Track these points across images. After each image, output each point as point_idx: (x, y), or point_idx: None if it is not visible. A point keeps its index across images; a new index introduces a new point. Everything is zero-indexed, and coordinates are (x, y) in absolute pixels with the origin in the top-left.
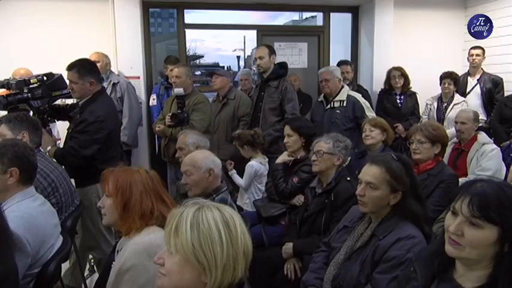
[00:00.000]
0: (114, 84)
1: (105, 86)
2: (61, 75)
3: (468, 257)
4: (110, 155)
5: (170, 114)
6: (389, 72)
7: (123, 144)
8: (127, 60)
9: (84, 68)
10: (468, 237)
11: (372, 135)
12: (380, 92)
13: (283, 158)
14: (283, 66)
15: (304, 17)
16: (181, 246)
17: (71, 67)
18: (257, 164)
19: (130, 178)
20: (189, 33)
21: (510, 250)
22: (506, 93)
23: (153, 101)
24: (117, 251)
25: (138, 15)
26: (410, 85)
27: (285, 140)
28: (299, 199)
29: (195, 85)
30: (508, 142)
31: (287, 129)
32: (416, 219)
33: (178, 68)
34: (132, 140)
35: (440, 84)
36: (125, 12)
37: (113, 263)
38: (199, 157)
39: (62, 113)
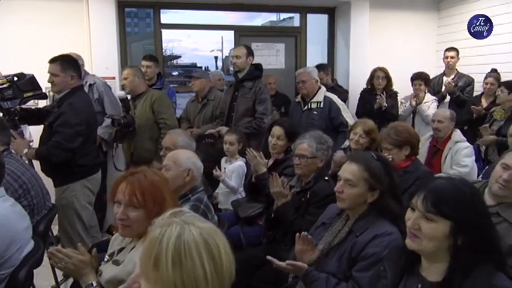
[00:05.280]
0: (90, 85)
1: None
2: (33, 75)
3: (425, 250)
4: (88, 149)
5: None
6: (373, 72)
7: (103, 144)
8: (102, 60)
9: (67, 62)
10: (425, 230)
11: (361, 142)
12: (362, 91)
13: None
14: (258, 68)
15: (281, 18)
16: (162, 283)
17: (53, 60)
18: (244, 163)
19: (155, 187)
20: (166, 34)
21: (463, 243)
22: (475, 94)
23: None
24: (117, 251)
25: (114, 14)
26: (393, 87)
27: (273, 142)
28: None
29: (171, 86)
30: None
31: (279, 131)
32: (394, 217)
33: (126, 69)
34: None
35: (412, 85)
36: (100, 12)
37: (107, 259)
38: (182, 155)
39: (34, 117)
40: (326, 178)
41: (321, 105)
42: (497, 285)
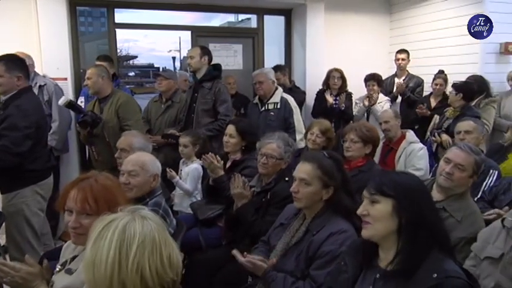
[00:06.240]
0: (40, 86)
1: None
2: None
3: (377, 233)
4: (39, 153)
5: (77, 124)
6: (329, 73)
7: (54, 149)
8: (53, 60)
9: (12, 61)
10: (372, 213)
11: (318, 142)
12: (318, 92)
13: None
14: (217, 68)
15: (239, 19)
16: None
17: None
18: (200, 166)
19: (108, 192)
20: (121, 33)
21: (407, 223)
22: (425, 94)
23: (81, 104)
24: (69, 260)
25: (65, 13)
26: (348, 87)
27: (226, 140)
28: None
29: (127, 87)
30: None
31: (231, 129)
32: (348, 213)
33: (90, 69)
34: (62, 145)
35: (365, 86)
36: (49, 10)
37: (59, 269)
38: (148, 160)
39: None
40: (286, 179)
41: (278, 106)
42: (448, 270)
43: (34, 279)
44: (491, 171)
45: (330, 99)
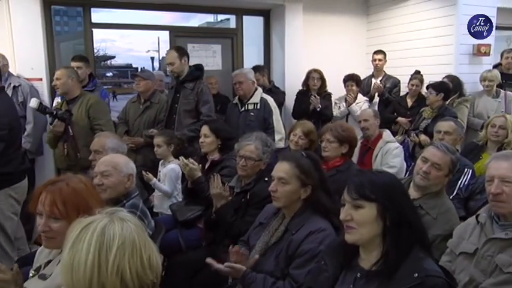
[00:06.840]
0: (15, 87)
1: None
2: None
3: (362, 238)
4: (11, 156)
5: (57, 118)
6: (309, 73)
7: (28, 152)
8: (27, 60)
9: None
10: (356, 218)
11: (300, 143)
12: (297, 93)
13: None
14: (199, 68)
15: (219, 19)
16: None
17: None
18: (177, 167)
19: (78, 196)
20: (98, 33)
21: (392, 224)
22: (401, 94)
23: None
24: (44, 265)
25: (39, 12)
26: (327, 88)
27: (201, 140)
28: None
29: (105, 87)
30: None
31: (205, 130)
32: (326, 211)
33: (59, 70)
34: (37, 148)
35: (344, 86)
36: (23, 9)
37: (32, 274)
38: (121, 160)
39: None
40: (266, 179)
41: (258, 107)
42: (428, 269)
43: (7, 286)
44: (465, 169)
45: (315, 103)
